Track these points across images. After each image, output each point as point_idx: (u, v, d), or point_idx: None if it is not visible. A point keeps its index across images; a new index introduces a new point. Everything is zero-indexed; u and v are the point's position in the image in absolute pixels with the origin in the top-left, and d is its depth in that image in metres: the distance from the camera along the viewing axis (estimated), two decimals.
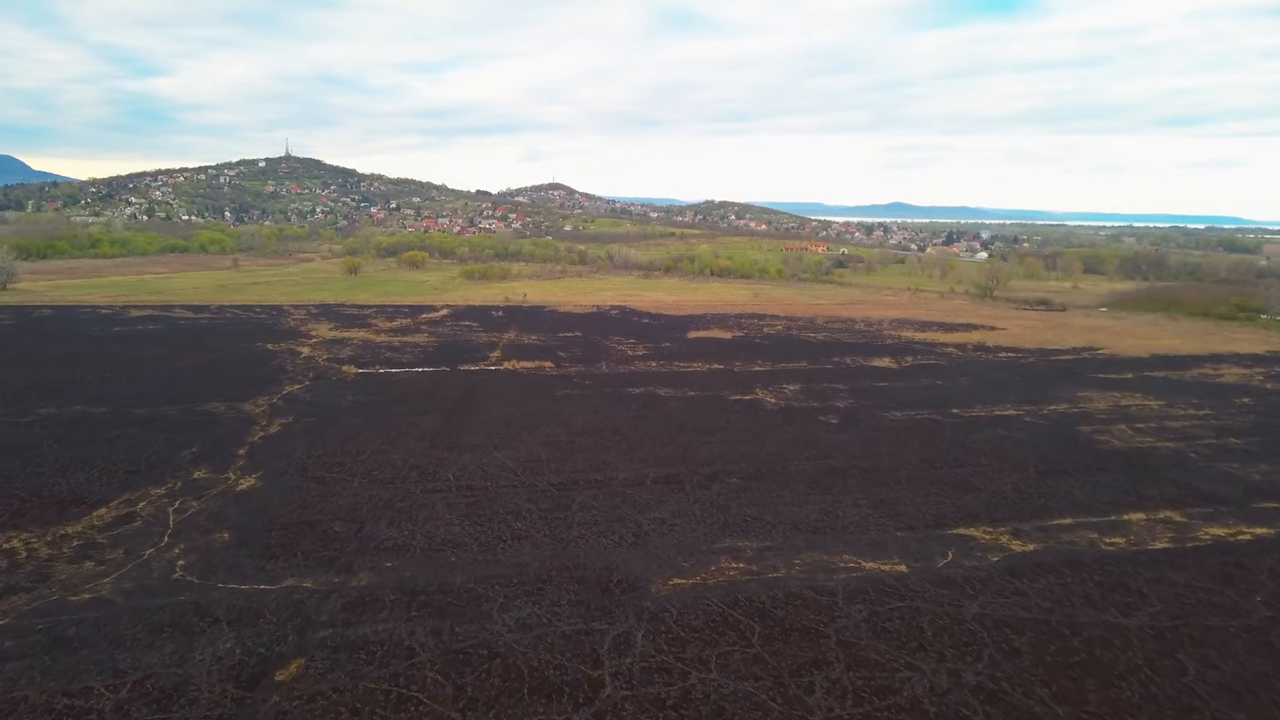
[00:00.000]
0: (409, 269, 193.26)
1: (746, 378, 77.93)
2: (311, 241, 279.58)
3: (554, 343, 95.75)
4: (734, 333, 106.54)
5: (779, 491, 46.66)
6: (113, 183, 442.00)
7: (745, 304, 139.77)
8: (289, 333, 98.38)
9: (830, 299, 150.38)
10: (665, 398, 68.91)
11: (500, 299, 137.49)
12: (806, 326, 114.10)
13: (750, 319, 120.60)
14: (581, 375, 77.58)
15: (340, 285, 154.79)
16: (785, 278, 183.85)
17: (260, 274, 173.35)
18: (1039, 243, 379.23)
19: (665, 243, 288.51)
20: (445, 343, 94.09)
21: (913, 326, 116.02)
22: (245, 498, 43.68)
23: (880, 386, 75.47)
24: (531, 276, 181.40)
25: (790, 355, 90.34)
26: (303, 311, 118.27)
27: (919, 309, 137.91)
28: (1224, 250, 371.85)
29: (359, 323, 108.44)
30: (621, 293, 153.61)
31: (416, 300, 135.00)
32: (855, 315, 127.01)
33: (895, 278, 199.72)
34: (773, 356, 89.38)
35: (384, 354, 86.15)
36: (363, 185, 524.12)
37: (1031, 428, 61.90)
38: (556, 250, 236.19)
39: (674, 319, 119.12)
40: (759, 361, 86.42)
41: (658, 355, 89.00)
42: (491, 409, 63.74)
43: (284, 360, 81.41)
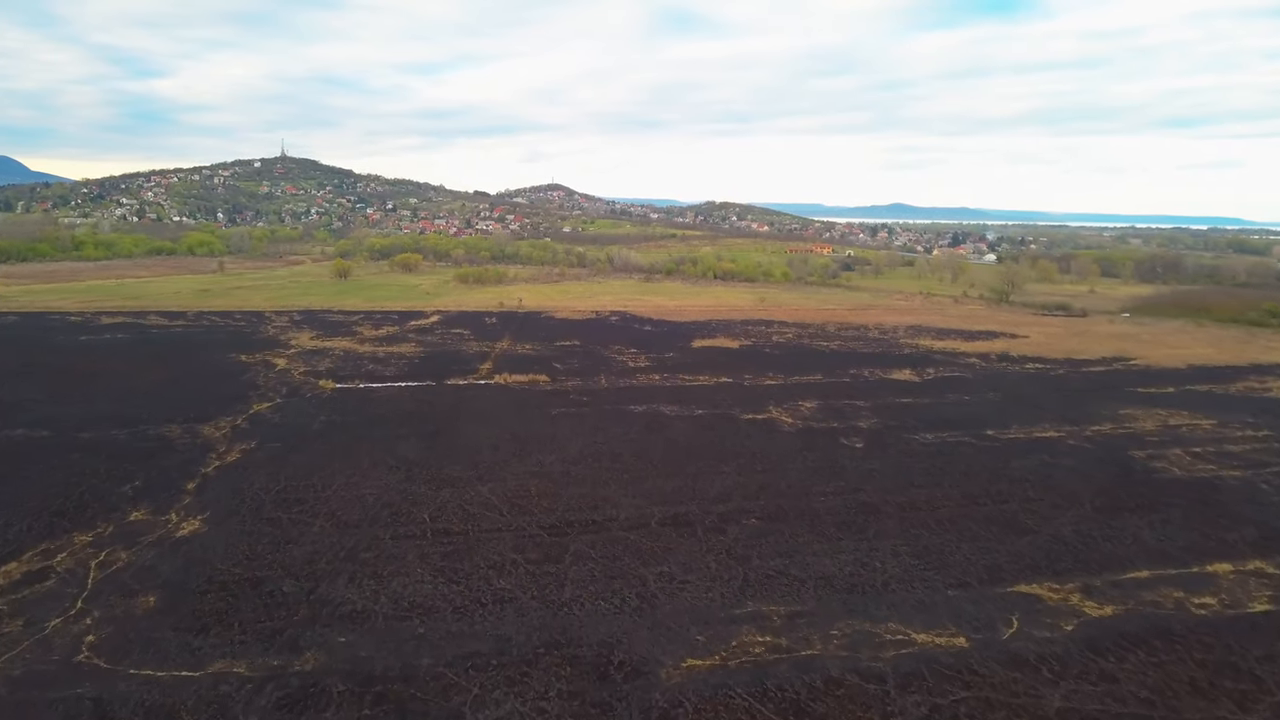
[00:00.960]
0: (401, 272, 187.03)
1: (759, 393, 71.71)
2: (303, 243, 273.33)
3: (550, 353, 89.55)
4: (742, 341, 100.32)
5: (805, 535, 40.48)
6: (105, 183, 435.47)
7: (751, 309, 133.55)
8: (266, 342, 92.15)
9: (840, 304, 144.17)
10: (670, 417, 62.68)
11: (495, 304, 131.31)
12: (818, 334, 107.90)
13: (758, 326, 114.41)
14: (579, 391, 71.35)
15: (328, 289, 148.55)
16: (791, 281, 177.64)
17: (246, 277, 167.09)
18: (1045, 244, 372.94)
19: (666, 244, 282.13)
20: (433, 353, 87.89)
21: (930, 334, 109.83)
22: (184, 546, 37.46)
23: (904, 403, 69.28)
24: (528, 280, 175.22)
25: (804, 367, 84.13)
26: (285, 318, 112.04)
27: (934, 315, 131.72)
28: (1233, 252, 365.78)
29: (343, 331, 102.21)
30: (622, 297, 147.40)
31: (406, 305, 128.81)
32: (868, 322, 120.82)
33: (905, 281, 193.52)
34: (785, 368, 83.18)
35: (366, 366, 79.95)
36: (359, 186, 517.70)
37: (1077, 453, 55.73)
38: (555, 252, 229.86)
39: (677, 326, 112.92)
40: (771, 374, 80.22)
41: (661, 367, 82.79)
42: (478, 432, 57.51)
43: (256, 374, 75.18)
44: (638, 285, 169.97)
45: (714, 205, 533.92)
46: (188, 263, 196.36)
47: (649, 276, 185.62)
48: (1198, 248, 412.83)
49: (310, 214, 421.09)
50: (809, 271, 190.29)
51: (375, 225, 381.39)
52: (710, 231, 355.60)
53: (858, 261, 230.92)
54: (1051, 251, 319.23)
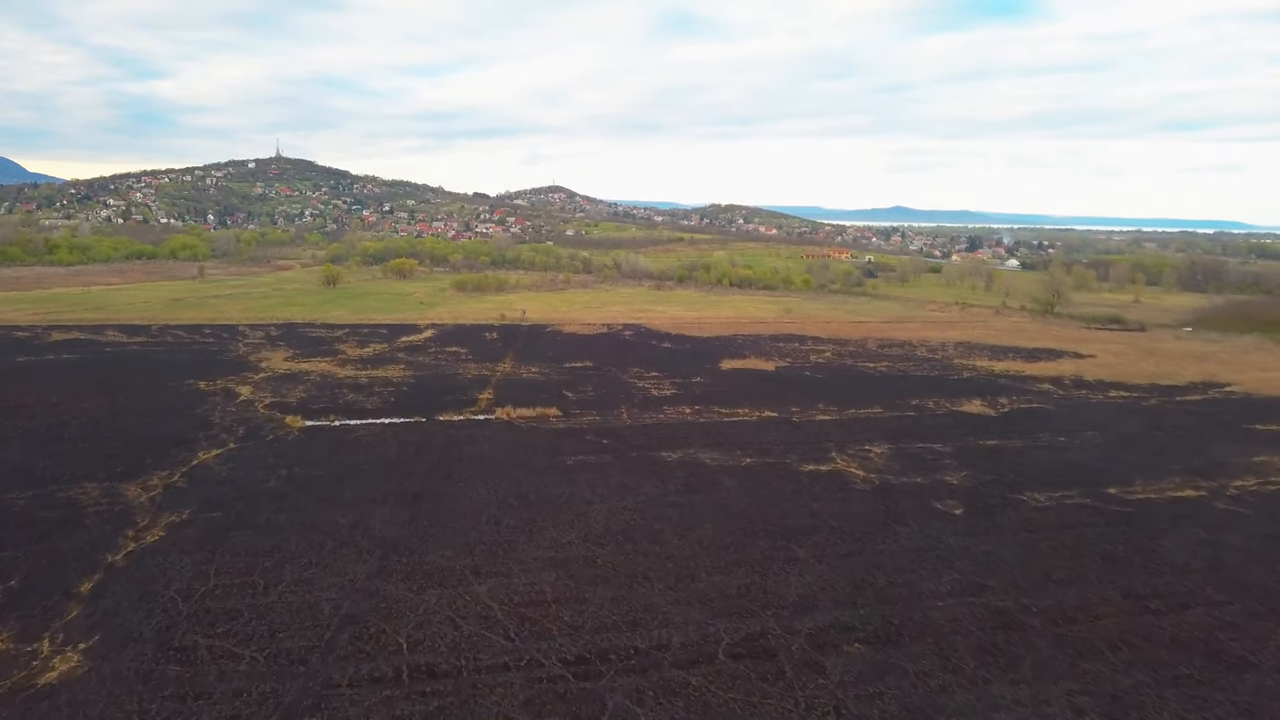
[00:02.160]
0: (395, 278, 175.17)
1: (813, 433, 59.80)
2: (294, 247, 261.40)
3: (559, 377, 77.67)
4: (777, 362, 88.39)
5: (937, 674, 28.57)
6: (94, 184, 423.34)
7: (777, 321, 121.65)
8: (233, 365, 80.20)
9: (872, 315, 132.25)
10: (714, 469, 50.75)
11: (495, 316, 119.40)
12: (860, 353, 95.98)
13: (790, 342, 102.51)
14: (597, 429, 59.41)
15: (313, 299, 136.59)
16: (813, 289, 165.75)
17: (226, 284, 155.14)
18: (1062, 249, 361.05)
19: (674, 248, 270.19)
20: (424, 378, 75.98)
21: (984, 353, 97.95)
22: (38, 707, 25.44)
23: (990, 446, 57.42)
24: (531, 288, 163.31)
25: (856, 396, 72.23)
26: (260, 333, 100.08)
27: (979, 329, 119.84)
28: (1256, 257, 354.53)
29: (324, 349, 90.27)
30: (633, 307, 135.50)
31: (398, 318, 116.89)
32: (911, 337, 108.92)
33: (933, 289, 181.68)
34: (835, 397, 71.30)
35: (344, 396, 68.01)
36: (355, 187, 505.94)
37: (1236, 523, 43.87)
38: (558, 257, 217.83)
39: (700, 342, 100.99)
40: (820, 405, 68.32)
41: (690, 396, 70.90)
42: (476, 493, 45.54)
43: (213, 407, 63.20)
44: (649, 294, 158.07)
45: (719, 208, 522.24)
46: (167, 268, 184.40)
47: (660, 284, 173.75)
48: (1213, 252, 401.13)
49: (304, 216, 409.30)
50: (830, 279, 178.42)
51: (371, 228, 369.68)
52: (720, 235, 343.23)
53: (879, 268, 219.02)
54: (1072, 257, 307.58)
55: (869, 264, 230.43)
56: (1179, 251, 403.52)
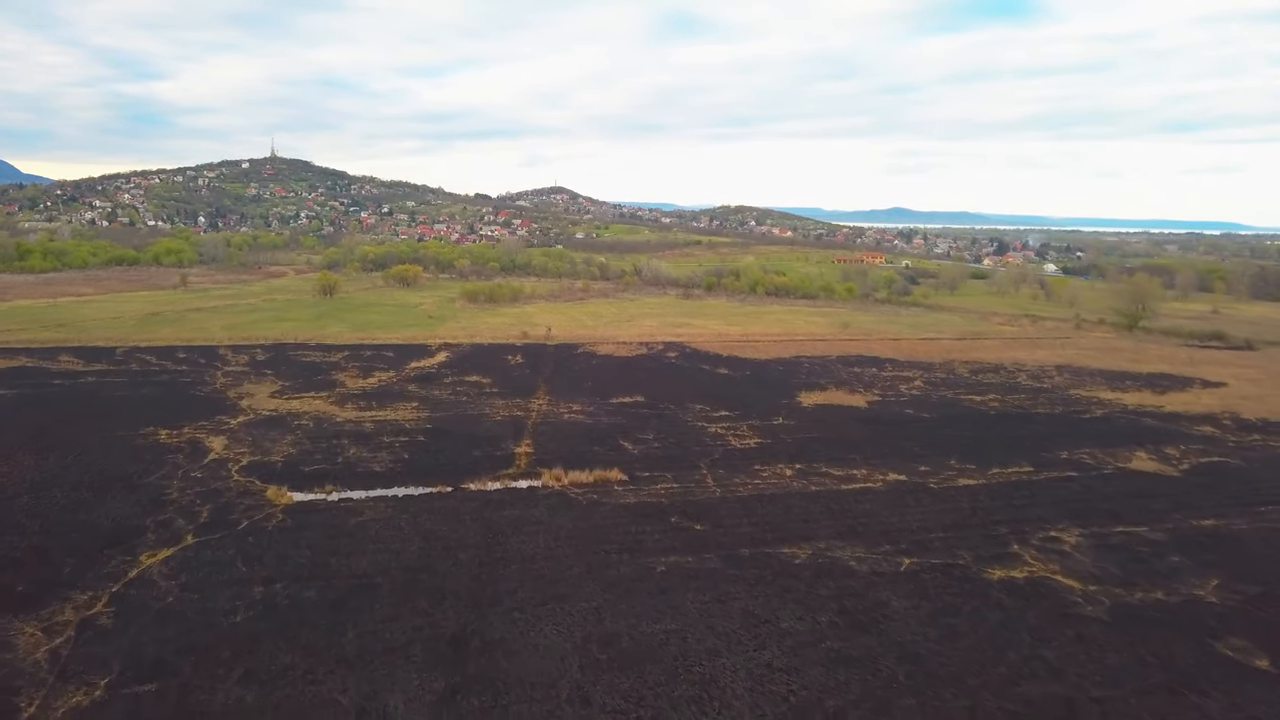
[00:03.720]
0: (398, 287, 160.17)
1: (967, 508, 45.02)
2: (288, 251, 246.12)
3: (609, 419, 62.82)
4: (865, 395, 73.53)
5: None
6: (81, 185, 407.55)
7: (837, 339, 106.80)
8: (207, 403, 65.25)
9: (939, 330, 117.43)
10: (868, 581, 36.00)
11: (516, 333, 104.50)
12: (954, 381, 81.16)
13: (865, 367, 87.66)
14: (681, 506, 44.54)
15: (308, 311, 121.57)
16: (858, 299, 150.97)
17: (211, 294, 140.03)
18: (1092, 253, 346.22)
19: (693, 253, 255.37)
20: (443, 421, 61.11)
21: (1097, 380, 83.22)
22: None
23: (1212, 530, 42.73)
24: (548, 297, 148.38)
25: (987, 446, 57.47)
26: (244, 357, 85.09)
27: (1069, 348, 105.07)
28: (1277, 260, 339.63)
29: (319, 379, 75.38)
30: (666, 321, 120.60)
31: (405, 336, 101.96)
32: (999, 359, 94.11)
33: (986, 298, 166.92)
34: (962, 448, 56.54)
35: (344, 451, 53.10)
36: (353, 188, 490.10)
37: None
38: (572, 263, 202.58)
39: (761, 368, 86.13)
40: (952, 462, 53.55)
41: (782, 447, 56.08)
42: (542, 634, 30.83)
43: (172, 471, 48.26)
44: (678, 304, 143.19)
45: (729, 209, 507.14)
46: (149, 275, 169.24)
47: (687, 292, 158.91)
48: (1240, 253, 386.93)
49: (300, 218, 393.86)
50: (872, 286, 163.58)
51: (370, 230, 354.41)
52: (738, 238, 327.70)
53: (919, 273, 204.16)
54: (1103, 261, 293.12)
55: (907, 269, 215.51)
56: (1206, 254, 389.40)
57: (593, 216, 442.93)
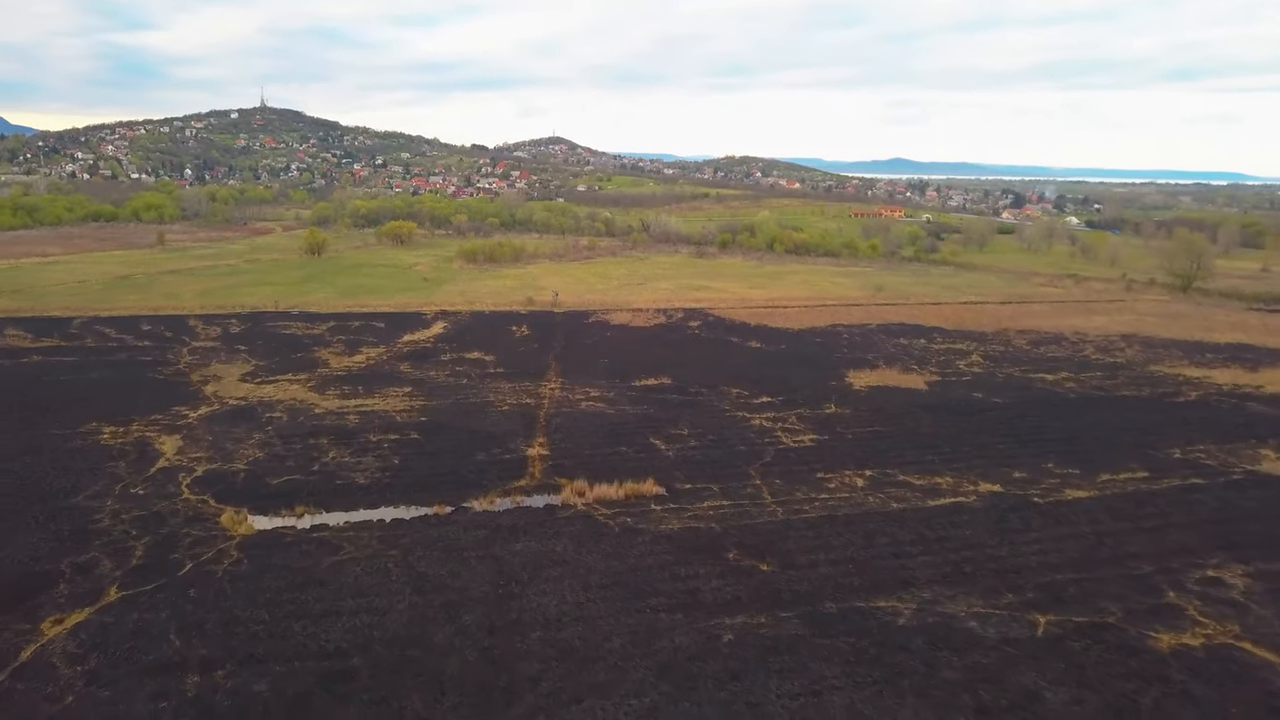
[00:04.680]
0: (391, 245, 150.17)
1: (1090, 534, 36.45)
2: (277, 205, 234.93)
3: (633, 409, 53.91)
4: (922, 375, 64.57)
5: None
6: (64, 136, 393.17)
7: (872, 303, 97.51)
8: (165, 390, 56.21)
9: (980, 293, 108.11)
10: (996, 651, 27.60)
11: (520, 298, 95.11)
12: (1014, 355, 72.19)
13: (911, 337, 78.60)
14: (737, 535, 35.87)
15: (293, 274, 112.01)
16: (884, 257, 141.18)
17: (190, 254, 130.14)
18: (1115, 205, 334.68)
19: (702, 206, 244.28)
20: (440, 412, 52.17)
21: (1173, 353, 74.33)
22: None
23: None
24: (551, 257, 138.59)
25: (1083, 443, 48.81)
26: (216, 329, 75.89)
27: (1126, 313, 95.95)
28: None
29: (299, 357, 66.31)
30: (682, 284, 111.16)
31: (398, 302, 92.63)
32: (1056, 328, 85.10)
33: (1017, 255, 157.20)
34: (1055, 445, 47.97)
35: (322, 455, 44.22)
36: (346, 140, 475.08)
37: None
38: (576, 218, 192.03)
39: (797, 340, 77.05)
40: (1050, 465, 44.90)
41: (841, 446, 47.33)
42: None
43: (109, 486, 39.39)
44: (692, 264, 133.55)
45: (734, 160, 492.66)
46: (126, 233, 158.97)
47: (700, 250, 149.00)
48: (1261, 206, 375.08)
49: (290, 171, 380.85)
50: (896, 243, 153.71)
51: (362, 183, 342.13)
52: (748, 191, 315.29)
53: (942, 228, 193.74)
54: (1126, 214, 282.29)
55: (929, 224, 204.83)
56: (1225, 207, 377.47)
57: (593, 168, 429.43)
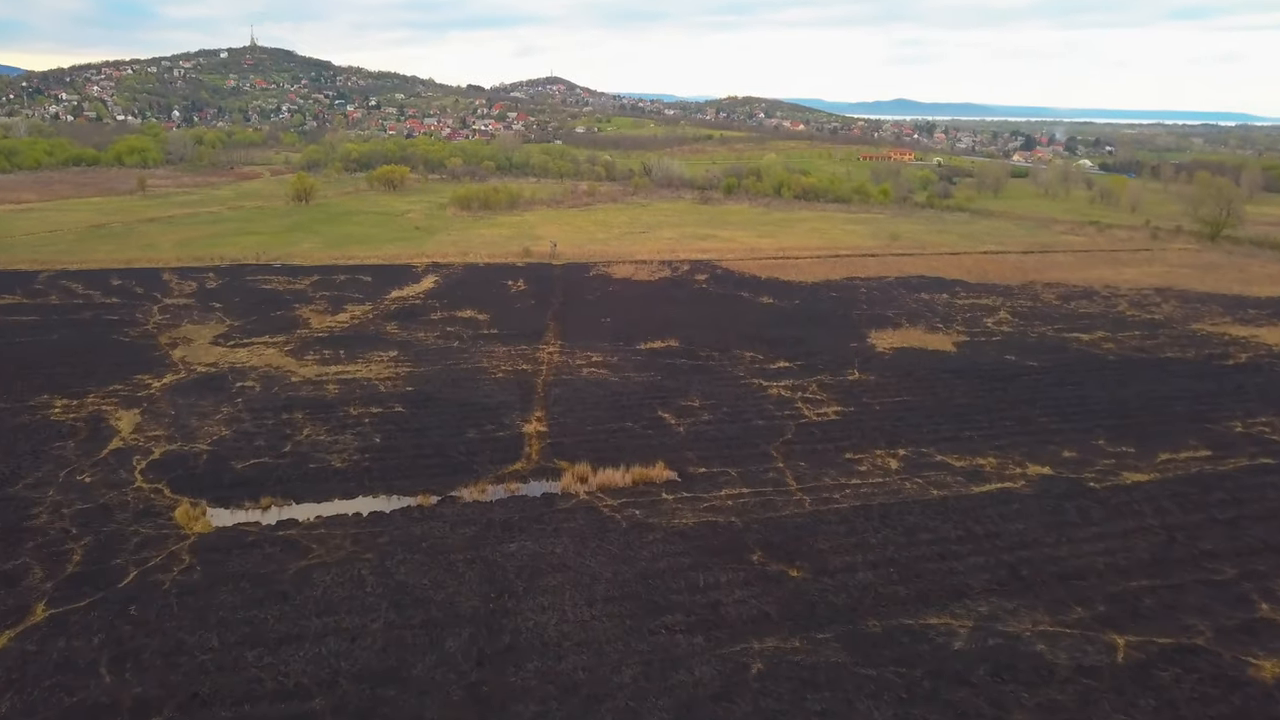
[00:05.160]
0: (383, 191, 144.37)
1: (1155, 527, 32.54)
2: (265, 149, 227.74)
3: (639, 375, 49.50)
4: (949, 334, 60.07)
5: None
6: (49, 77, 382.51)
7: (887, 253, 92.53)
8: (129, 355, 51.72)
9: (999, 241, 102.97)
10: (1073, 683, 23.88)
11: (516, 249, 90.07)
12: (1043, 311, 67.65)
13: (931, 291, 73.89)
14: (759, 529, 31.79)
15: (278, 222, 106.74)
16: (896, 203, 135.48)
17: (172, 201, 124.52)
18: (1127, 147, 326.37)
19: (705, 148, 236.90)
20: (427, 383, 47.76)
21: (1213, 307, 69.80)
22: None
23: None
24: (549, 203, 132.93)
25: (1133, 415, 44.62)
26: (193, 284, 71.13)
27: (1156, 264, 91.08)
28: None
29: (278, 314, 61.72)
30: (687, 232, 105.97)
31: (387, 253, 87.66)
32: (1089, 281, 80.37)
33: (1033, 200, 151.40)
34: (1103, 421, 43.73)
35: (297, 431, 39.91)
36: (339, 80, 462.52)
37: None
38: (575, 161, 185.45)
39: (810, 295, 72.36)
40: (1100, 440, 40.68)
41: (869, 419, 43.02)
42: None
43: (52, 473, 35.18)
44: (697, 211, 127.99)
45: (736, 100, 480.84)
46: (107, 177, 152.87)
47: (704, 196, 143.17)
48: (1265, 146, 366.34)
49: (281, 112, 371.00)
50: (908, 187, 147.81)
51: (355, 125, 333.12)
52: (752, 132, 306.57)
53: (953, 172, 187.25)
54: (1140, 156, 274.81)
55: (940, 167, 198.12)
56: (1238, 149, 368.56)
57: (592, 109, 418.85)
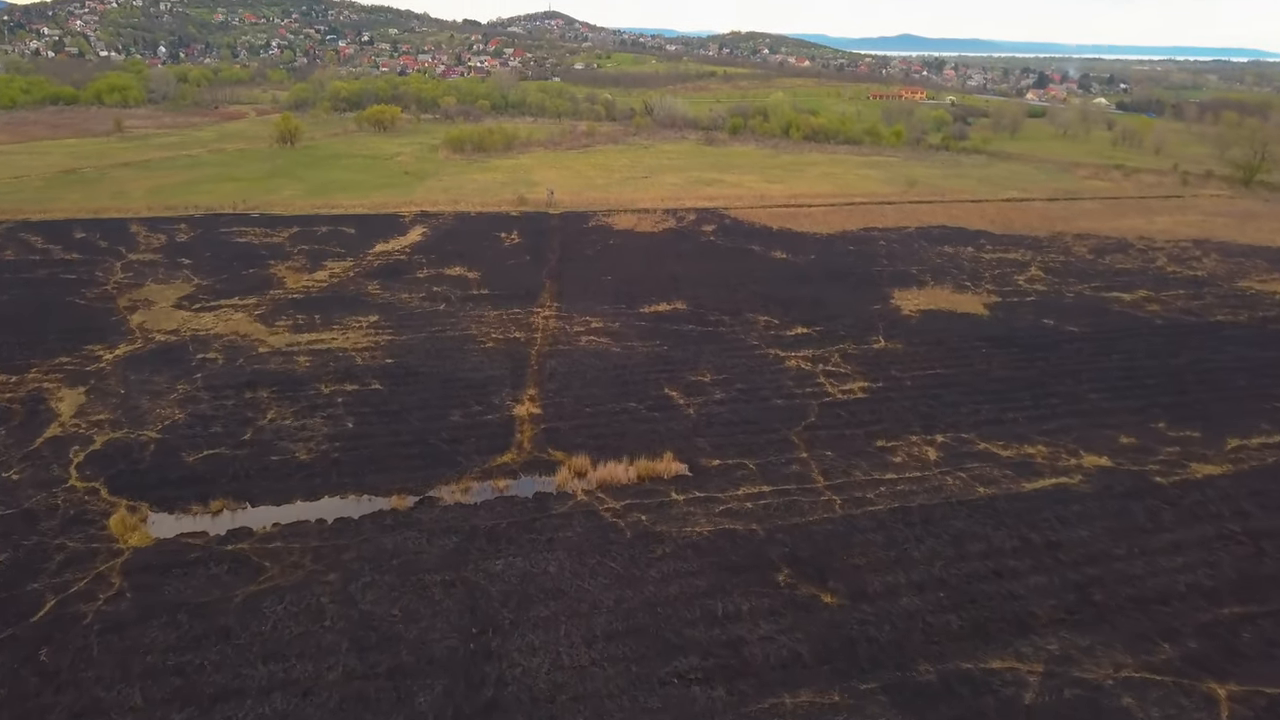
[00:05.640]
0: (374, 132, 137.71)
1: (1240, 527, 28.14)
2: (253, 86, 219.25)
3: (643, 345, 44.96)
4: (979, 294, 55.31)
5: None
6: (30, 10, 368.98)
7: (904, 200, 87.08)
8: (83, 320, 47.12)
9: (1021, 187, 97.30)
10: None
11: (511, 196, 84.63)
12: (1077, 267, 62.75)
13: (956, 244, 68.86)
14: (784, 538, 27.68)
15: (260, 166, 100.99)
16: (909, 145, 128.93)
17: (150, 143, 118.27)
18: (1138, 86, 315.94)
19: (709, 86, 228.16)
20: (409, 354, 43.24)
21: (1263, 265, 64.98)
22: None
23: None
24: (546, 144, 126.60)
25: (1193, 392, 40.32)
26: (162, 237, 66.07)
27: (1190, 212, 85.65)
28: None
29: (250, 272, 56.87)
30: (692, 176, 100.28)
31: (374, 201, 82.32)
32: (1122, 231, 75.24)
33: (1053, 142, 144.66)
34: (1160, 399, 39.25)
35: (260, 415, 35.54)
36: (330, 14, 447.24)
37: None
38: (574, 100, 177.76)
39: (828, 248, 67.37)
40: (1161, 425, 36.21)
41: (900, 397, 38.61)
42: None
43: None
44: (702, 153, 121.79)
45: (739, 35, 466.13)
46: (85, 117, 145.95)
47: (709, 136, 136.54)
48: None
49: (270, 48, 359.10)
50: (922, 128, 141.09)
51: (347, 62, 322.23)
52: (757, 69, 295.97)
53: (967, 111, 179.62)
54: (1157, 94, 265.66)
55: (954, 106, 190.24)
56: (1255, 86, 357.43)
57: (592, 44, 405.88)
